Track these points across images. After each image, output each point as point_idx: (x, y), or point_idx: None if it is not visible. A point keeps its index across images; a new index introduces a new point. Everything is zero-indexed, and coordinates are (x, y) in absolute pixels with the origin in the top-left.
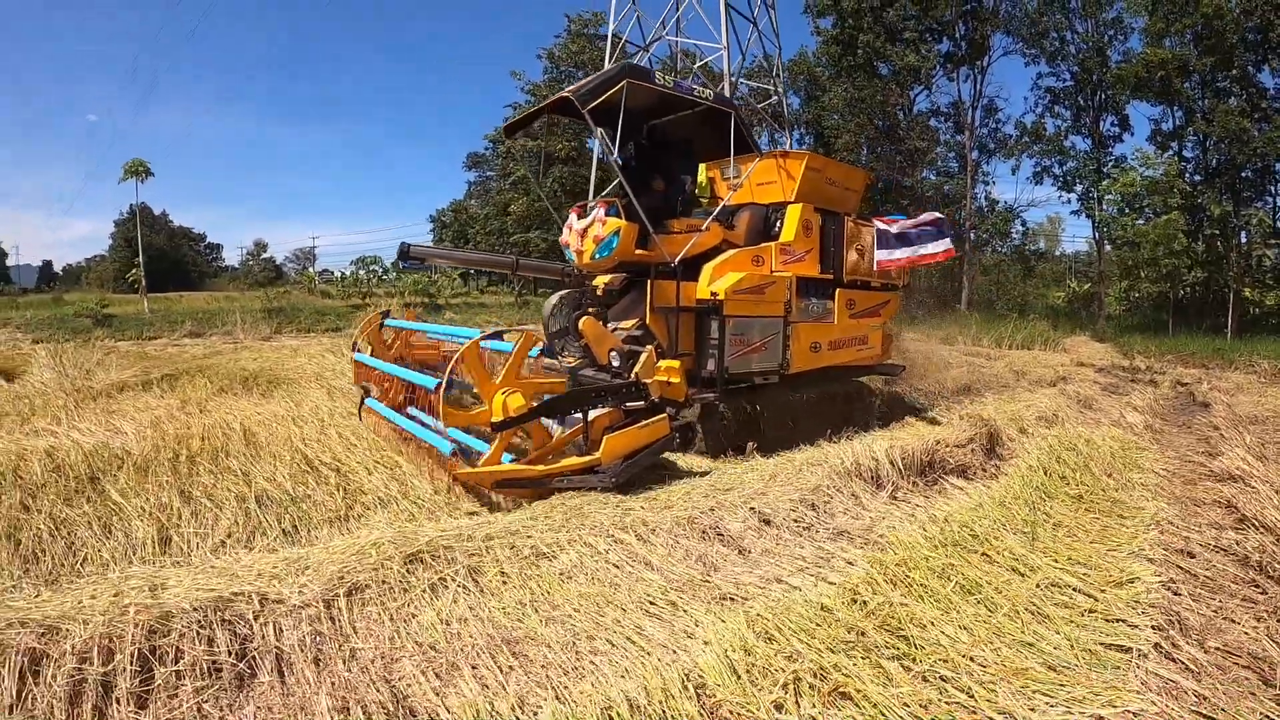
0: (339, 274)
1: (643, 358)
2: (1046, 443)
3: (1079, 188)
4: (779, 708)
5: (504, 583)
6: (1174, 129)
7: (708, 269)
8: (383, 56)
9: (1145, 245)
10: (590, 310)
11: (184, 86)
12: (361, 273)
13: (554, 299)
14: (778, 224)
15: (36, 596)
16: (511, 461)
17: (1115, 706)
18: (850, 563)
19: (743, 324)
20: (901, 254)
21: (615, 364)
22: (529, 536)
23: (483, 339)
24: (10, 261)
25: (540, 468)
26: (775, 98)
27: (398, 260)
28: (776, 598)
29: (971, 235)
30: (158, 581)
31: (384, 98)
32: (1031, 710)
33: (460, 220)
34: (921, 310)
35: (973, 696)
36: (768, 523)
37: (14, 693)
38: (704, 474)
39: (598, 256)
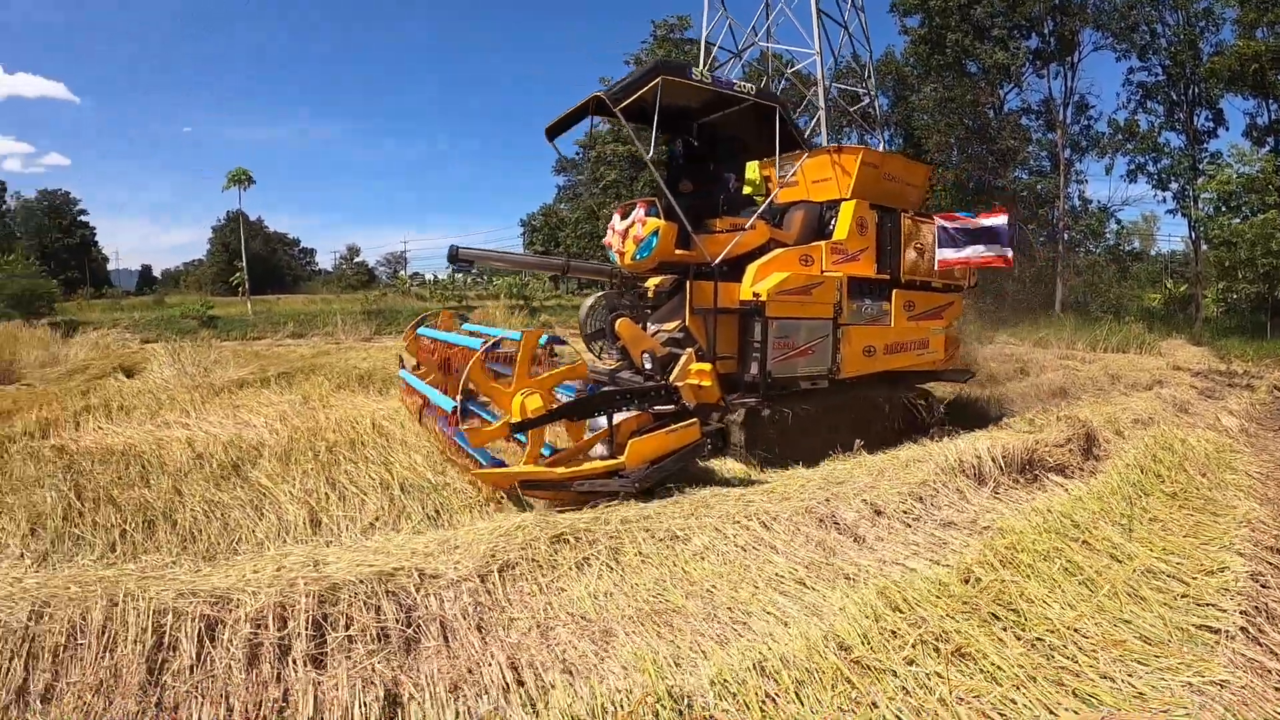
0: (432, 277)
1: (681, 361)
2: (1143, 442)
3: (1174, 186)
4: (911, 663)
5: (643, 561)
6: (1270, 123)
7: (752, 269)
8: (473, 61)
9: (1242, 245)
10: (626, 312)
11: (274, 96)
12: (459, 276)
13: (590, 300)
14: (833, 222)
15: (198, 571)
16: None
17: (1204, 676)
18: (962, 547)
19: (787, 326)
20: (964, 253)
21: (648, 366)
22: (661, 521)
23: (484, 351)
24: (111, 266)
25: (561, 470)
26: (866, 100)
27: (449, 263)
28: (897, 576)
29: (1065, 236)
30: (318, 558)
31: (475, 103)
32: (1129, 676)
33: (550, 224)
34: (1015, 313)
35: (1076, 661)
36: (879, 513)
37: (194, 655)
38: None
39: (638, 257)
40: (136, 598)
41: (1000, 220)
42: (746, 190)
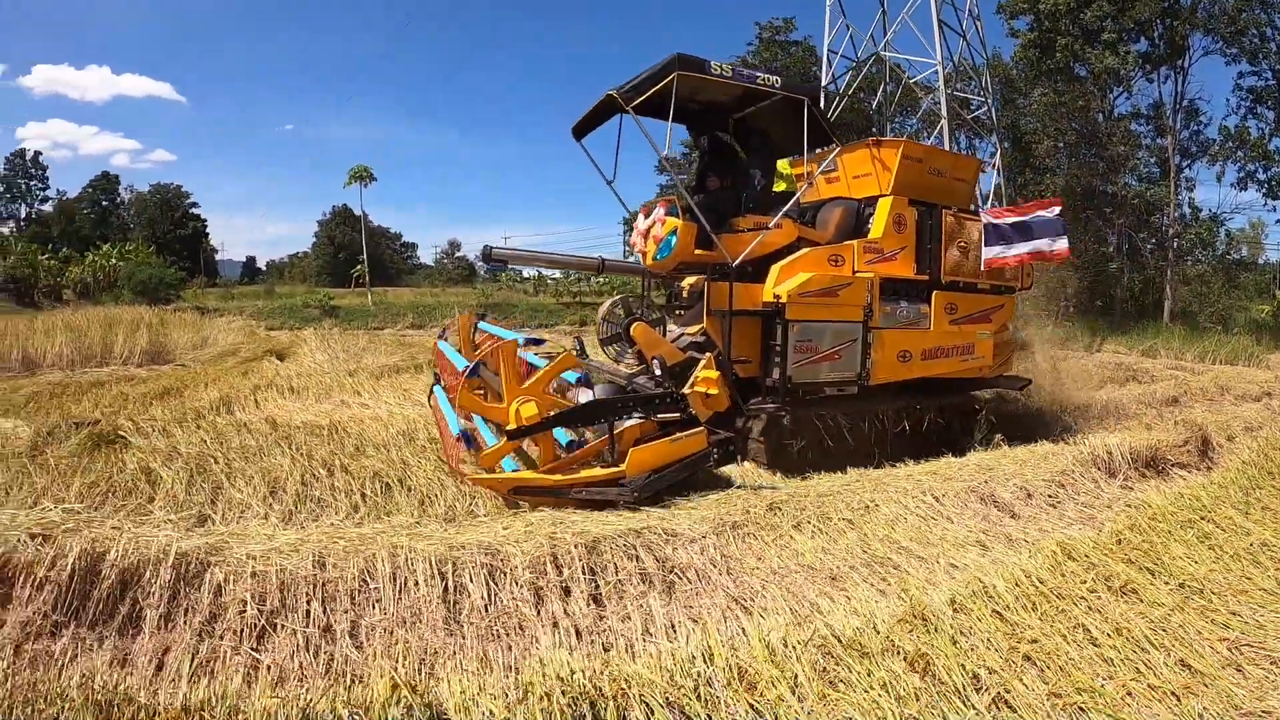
0: (535, 274)
1: (698, 369)
2: (1256, 443)
3: None
4: (1092, 592)
5: (849, 524)
6: None
7: (775, 269)
8: (573, 59)
9: None
10: (643, 316)
11: (375, 95)
12: (573, 273)
13: (608, 304)
14: (871, 219)
15: (444, 531)
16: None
17: None
18: (1107, 521)
19: (811, 329)
20: (1013, 251)
21: (657, 373)
22: (853, 494)
23: (522, 343)
24: (217, 257)
25: (558, 477)
26: (985, 108)
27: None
28: (1060, 539)
29: (1175, 244)
30: (563, 518)
31: (574, 100)
32: (1253, 613)
33: None
34: (1123, 321)
35: (1211, 601)
36: (1030, 495)
37: (485, 595)
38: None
39: (658, 257)
40: (410, 549)
41: (1051, 211)
42: (780, 187)
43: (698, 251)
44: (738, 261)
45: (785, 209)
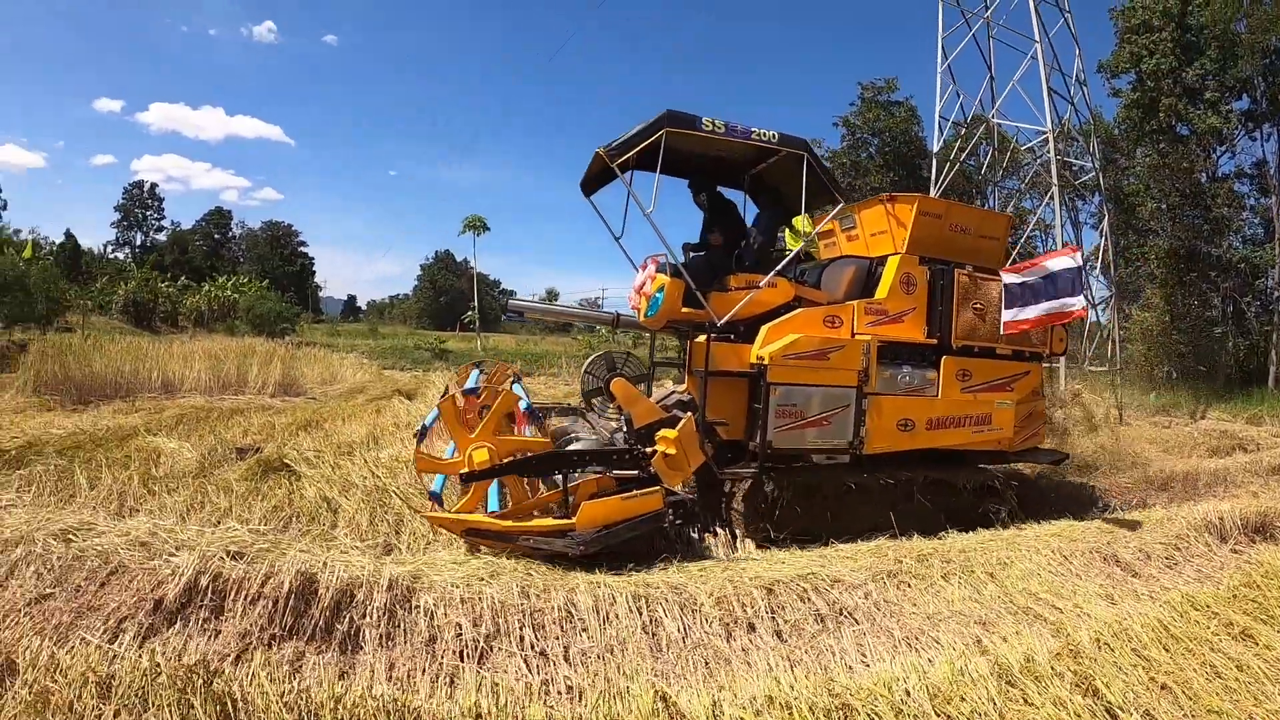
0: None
1: (664, 430)
2: None
3: None
4: (1214, 635)
5: (990, 577)
6: None
7: (765, 329)
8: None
9: None
10: (623, 372)
11: (478, 143)
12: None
13: (592, 358)
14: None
15: (633, 572)
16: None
17: None
18: (1225, 578)
19: (795, 393)
20: (1031, 312)
21: (623, 429)
22: (991, 551)
23: (461, 391)
24: (320, 294)
25: (508, 523)
26: (1093, 173)
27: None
28: (1184, 592)
29: None
30: (740, 563)
31: None
32: None
33: None
34: (1228, 388)
35: None
36: (1148, 556)
37: (681, 627)
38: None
39: (648, 314)
40: (608, 584)
41: (1067, 262)
42: (796, 244)
43: (685, 310)
44: (724, 321)
45: (778, 268)
